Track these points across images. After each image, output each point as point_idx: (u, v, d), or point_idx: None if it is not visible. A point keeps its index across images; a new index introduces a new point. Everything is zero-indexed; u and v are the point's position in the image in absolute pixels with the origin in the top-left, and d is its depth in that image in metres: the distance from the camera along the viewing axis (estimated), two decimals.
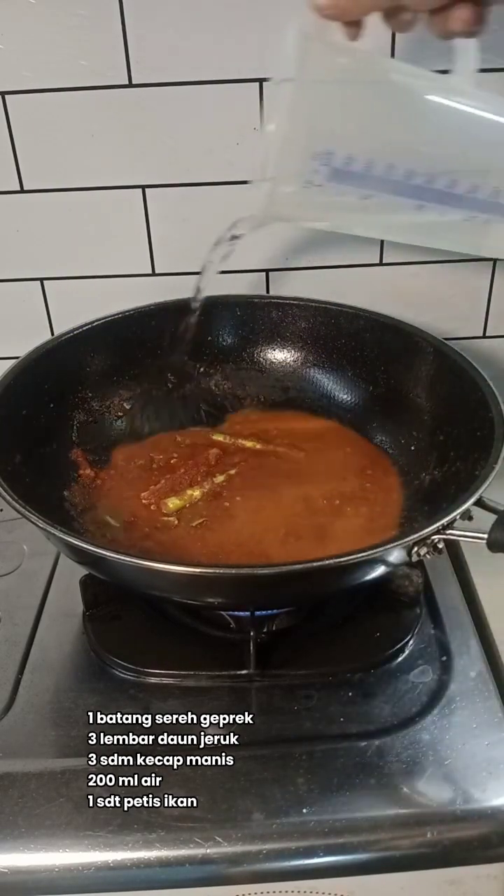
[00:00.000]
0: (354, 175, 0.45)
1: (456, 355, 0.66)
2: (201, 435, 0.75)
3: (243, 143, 0.73)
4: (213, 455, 0.70)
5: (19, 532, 0.71)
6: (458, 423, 0.64)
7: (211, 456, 0.70)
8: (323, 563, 0.50)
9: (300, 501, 0.66)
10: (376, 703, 0.56)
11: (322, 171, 0.45)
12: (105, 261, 0.79)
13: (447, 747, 0.53)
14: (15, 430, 0.63)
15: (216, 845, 0.48)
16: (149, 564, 0.49)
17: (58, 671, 0.59)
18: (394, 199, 0.46)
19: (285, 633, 0.61)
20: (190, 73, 0.70)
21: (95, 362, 0.73)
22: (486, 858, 0.50)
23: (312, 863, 0.49)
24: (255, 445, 0.72)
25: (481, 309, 0.83)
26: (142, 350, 0.75)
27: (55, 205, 0.76)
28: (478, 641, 0.61)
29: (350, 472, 0.69)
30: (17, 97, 0.71)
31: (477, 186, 0.45)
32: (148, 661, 0.58)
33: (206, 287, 0.61)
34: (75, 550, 0.53)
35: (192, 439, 0.74)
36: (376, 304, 0.72)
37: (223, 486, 0.68)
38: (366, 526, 0.64)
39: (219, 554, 0.61)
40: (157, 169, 0.75)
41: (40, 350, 0.68)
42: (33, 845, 0.48)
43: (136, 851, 0.48)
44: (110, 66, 0.69)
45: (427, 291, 0.81)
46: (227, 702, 0.56)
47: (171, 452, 0.72)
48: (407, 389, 0.72)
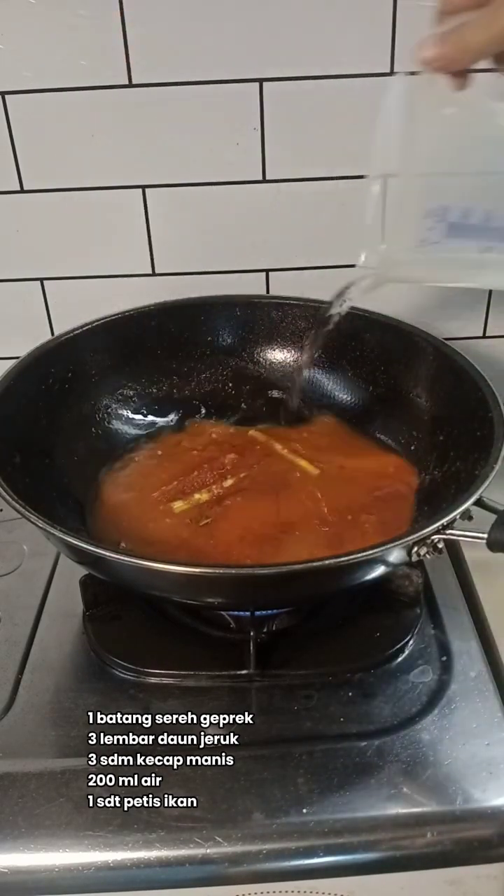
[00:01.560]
0: (473, 228, 0.43)
1: (456, 355, 0.66)
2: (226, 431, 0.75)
3: (243, 143, 0.73)
4: (229, 460, 0.70)
5: (19, 532, 0.71)
6: (458, 423, 0.63)
7: (227, 461, 0.70)
8: (323, 563, 0.50)
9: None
10: (376, 703, 0.56)
11: (438, 227, 0.42)
12: (105, 261, 0.79)
13: (447, 747, 0.53)
14: (15, 430, 0.63)
15: (216, 845, 0.48)
16: (149, 564, 0.49)
17: (58, 671, 0.59)
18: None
19: (285, 633, 0.61)
20: (190, 73, 0.70)
21: (95, 362, 0.73)
22: (486, 858, 0.50)
23: (312, 863, 0.49)
24: (283, 450, 0.71)
25: (481, 309, 0.83)
26: (142, 350, 0.75)
27: (55, 205, 0.76)
28: (478, 641, 0.61)
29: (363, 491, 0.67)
30: (17, 97, 0.71)
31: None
32: (148, 661, 0.58)
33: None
34: (75, 550, 0.53)
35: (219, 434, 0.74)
36: (376, 304, 0.72)
37: (231, 489, 0.67)
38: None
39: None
40: (157, 169, 0.75)
41: (40, 350, 0.68)
42: (33, 845, 0.48)
43: (136, 851, 0.48)
44: (110, 66, 0.69)
45: (427, 291, 0.81)
46: (227, 702, 0.56)
47: (190, 451, 0.72)
48: (407, 389, 0.72)
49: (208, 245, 0.79)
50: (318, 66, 0.70)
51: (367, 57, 0.70)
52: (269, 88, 0.71)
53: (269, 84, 0.71)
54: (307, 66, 0.70)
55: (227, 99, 0.71)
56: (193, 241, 0.79)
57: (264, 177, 0.75)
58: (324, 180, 0.75)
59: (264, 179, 0.75)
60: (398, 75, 0.40)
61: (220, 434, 0.75)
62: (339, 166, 0.74)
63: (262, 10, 0.68)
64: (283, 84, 0.71)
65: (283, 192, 0.76)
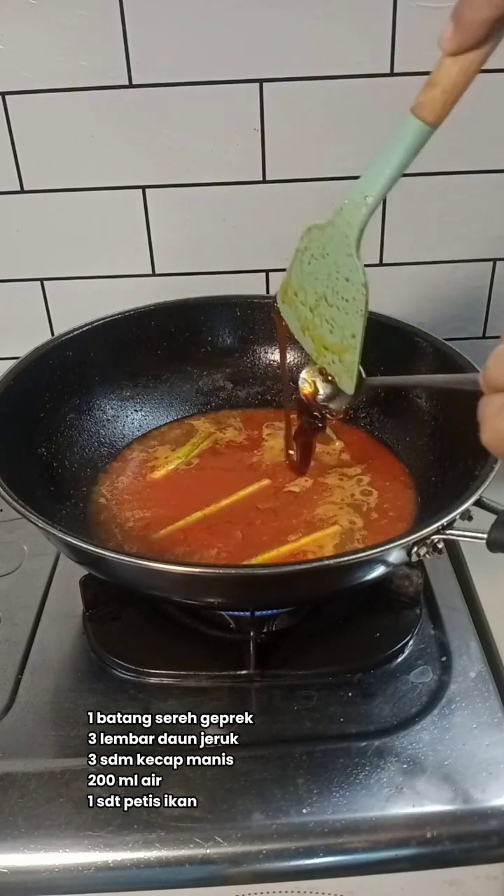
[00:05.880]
0: None
1: (456, 355, 0.66)
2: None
3: (243, 143, 0.73)
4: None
5: (19, 532, 0.71)
6: (458, 424, 0.63)
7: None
8: (323, 564, 0.50)
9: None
10: (376, 703, 0.56)
11: None
12: (105, 261, 0.79)
13: (447, 747, 0.53)
14: (15, 430, 0.63)
15: (216, 845, 0.48)
16: (149, 564, 0.49)
17: (58, 671, 0.59)
18: None
19: (285, 633, 0.61)
20: (190, 73, 0.70)
21: (95, 362, 0.73)
22: (486, 858, 0.50)
23: (312, 863, 0.48)
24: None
25: (481, 309, 0.83)
26: (142, 350, 0.75)
27: (55, 205, 0.76)
28: (478, 642, 0.61)
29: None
30: (17, 97, 0.71)
31: None
32: (148, 661, 0.58)
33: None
34: (75, 550, 0.53)
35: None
36: (376, 304, 0.72)
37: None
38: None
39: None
40: (157, 169, 0.75)
41: (40, 350, 0.68)
42: (33, 845, 0.48)
43: (136, 851, 0.48)
44: (110, 66, 0.70)
45: (427, 291, 0.81)
46: (227, 702, 0.56)
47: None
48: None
49: (208, 245, 0.79)
50: (318, 66, 0.70)
51: (367, 57, 0.70)
52: (269, 88, 0.71)
53: (269, 84, 0.71)
54: (307, 66, 0.70)
55: (227, 99, 0.71)
56: (193, 241, 0.79)
57: (264, 177, 0.75)
58: (324, 180, 0.75)
59: (264, 179, 0.75)
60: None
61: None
62: (339, 166, 0.74)
63: (261, 11, 0.68)
64: (283, 84, 0.71)
65: (283, 192, 0.76)
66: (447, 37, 0.41)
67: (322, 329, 0.56)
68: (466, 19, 0.40)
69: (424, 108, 0.45)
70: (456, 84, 0.44)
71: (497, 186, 0.77)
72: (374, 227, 0.78)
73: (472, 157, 0.75)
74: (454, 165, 0.75)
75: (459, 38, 0.41)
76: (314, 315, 0.56)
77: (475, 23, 0.40)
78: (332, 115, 0.72)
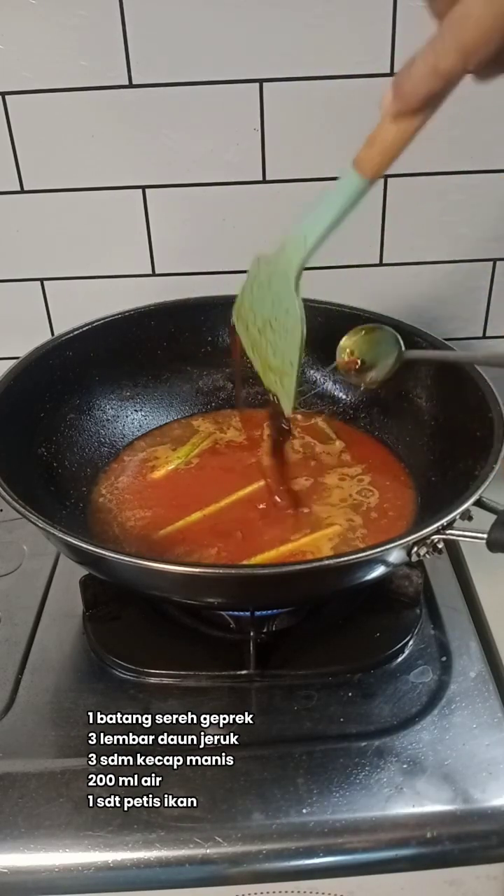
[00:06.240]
0: None
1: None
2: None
3: (243, 143, 0.73)
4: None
5: (19, 532, 0.71)
6: (458, 423, 0.64)
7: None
8: (323, 564, 0.50)
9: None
10: (376, 703, 0.56)
11: None
12: (105, 261, 0.79)
13: (447, 747, 0.53)
14: (15, 430, 0.63)
15: (216, 845, 0.48)
16: (149, 564, 0.49)
17: (58, 671, 0.59)
18: None
19: (285, 633, 0.61)
20: (190, 73, 0.70)
21: (95, 362, 0.73)
22: (486, 858, 0.50)
23: (312, 863, 0.49)
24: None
25: (481, 309, 0.83)
26: (142, 350, 0.75)
27: (55, 205, 0.76)
28: (478, 642, 0.61)
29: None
30: (17, 97, 0.71)
31: None
32: (148, 661, 0.58)
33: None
34: (75, 550, 0.53)
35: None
36: (376, 304, 0.72)
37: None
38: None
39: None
40: (157, 169, 0.75)
41: (40, 350, 0.68)
42: (33, 845, 0.48)
43: (136, 851, 0.48)
44: (110, 66, 0.70)
45: (427, 291, 0.81)
46: (227, 702, 0.56)
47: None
48: (407, 389, 0.72)
49: (208, 245, 0.79)
50: (318, 66, 0.70)
51: (367, 57, 0.70)
52: (269, 88, 0.71)
53: (269, 84, 0.71)
54: (307, 66, 0.70)
55: (227, 99, 0.71)
56: (193, 241, 0.79)
57: (264, 177, 0.75)
58: (324, 180, 0.75)
59: (264, 179, 0.75)
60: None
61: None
62: (338, 166, 0.74)
63: (261, 11, 0.68)
64: (283, 84, 0.71)
65: (283, 192, 0.76)
66: (386, 102, 0.43)
67: (267, 351, 0.59)
68: (405, 90, 0.42)
69: (363, 165, 0.47)
70: (393, 145, 0.45)
71: (497, 186, 0.77)
72: (374, 227, 0.78)
73: (472, 157, 0.75)
74: (454, 165, 0.75)
75: (398, 105, 0.43)
76: (261, 337, 0.59)
77: (412, 95, 0.42)
78: (332, 115, 0.72)
